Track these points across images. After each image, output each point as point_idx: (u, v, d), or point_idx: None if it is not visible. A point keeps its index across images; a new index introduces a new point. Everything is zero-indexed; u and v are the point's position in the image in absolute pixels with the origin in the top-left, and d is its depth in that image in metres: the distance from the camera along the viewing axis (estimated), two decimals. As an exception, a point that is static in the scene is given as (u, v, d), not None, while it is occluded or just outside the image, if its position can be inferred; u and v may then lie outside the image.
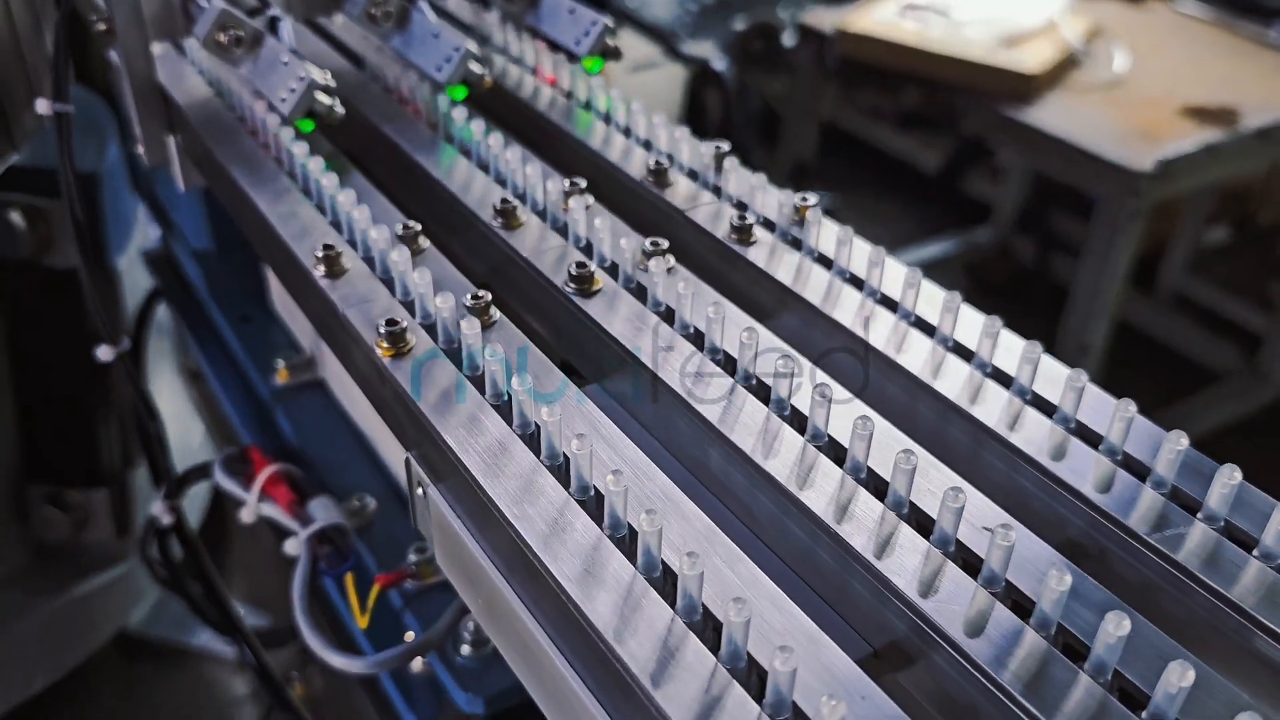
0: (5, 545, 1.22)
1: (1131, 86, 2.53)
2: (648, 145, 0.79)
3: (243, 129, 0.81)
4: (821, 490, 0.50)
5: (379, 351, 0.57)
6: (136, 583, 1.34)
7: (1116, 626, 0.40)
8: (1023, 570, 0.46)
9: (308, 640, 0.74)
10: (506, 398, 0.55)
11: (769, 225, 0.70)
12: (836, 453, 0.52)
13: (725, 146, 0.75)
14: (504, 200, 0.69)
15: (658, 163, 0.74)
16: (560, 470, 0.51)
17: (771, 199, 0.71)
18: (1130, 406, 0.51)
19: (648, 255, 0.64)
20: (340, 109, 0.76)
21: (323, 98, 0.74)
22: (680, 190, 0.73)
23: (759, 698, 0.41)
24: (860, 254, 0.65)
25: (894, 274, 0.62)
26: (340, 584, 0.79)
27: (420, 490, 0.56)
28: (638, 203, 0.74)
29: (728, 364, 0.58)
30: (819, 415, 0.52)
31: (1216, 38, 2.69)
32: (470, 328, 0.56)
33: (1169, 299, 3.10)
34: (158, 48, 0.86)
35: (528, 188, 0.71)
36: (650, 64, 3.22)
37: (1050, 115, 2.42)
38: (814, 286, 0.64)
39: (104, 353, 0.83)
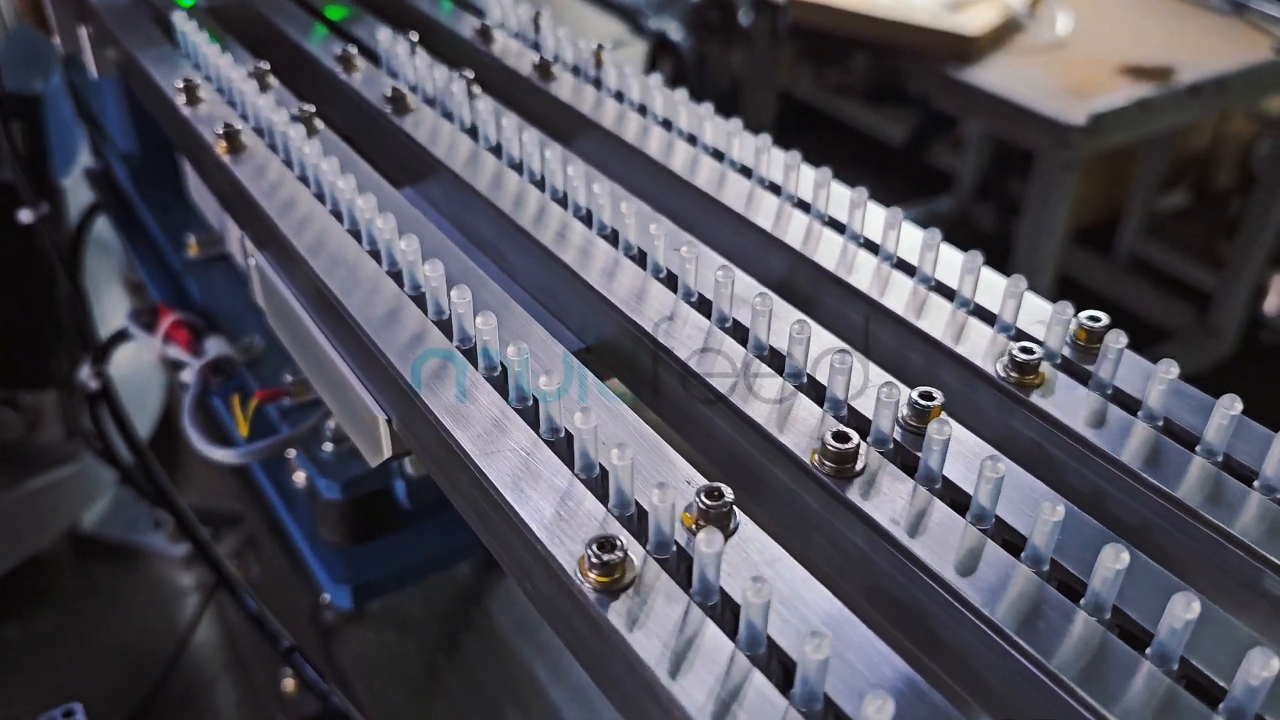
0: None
1: (1073, 48, 2.67)
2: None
3: (147, 16, 0.96)
4: (545, 225, 0.64)
5: (219, 150, 0.71)
6: (88, 482, 1.48)
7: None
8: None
9: (194, 442, 0.88)
10: (319, 187, 0.69)
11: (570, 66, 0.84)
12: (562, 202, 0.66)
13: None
14: (345, 49, 0.84)
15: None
16: (361, 238, 0.65)
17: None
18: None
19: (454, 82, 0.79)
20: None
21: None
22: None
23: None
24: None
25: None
26: (228, 405, 0.93)
27: (252, 261, 0.70)
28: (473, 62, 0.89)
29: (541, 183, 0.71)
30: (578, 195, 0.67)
31: (1159, 2, 2.82)
32: (296, 132, 0.70)
33: (1124, 262, 3.23)
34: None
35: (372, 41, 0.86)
36: (619, 43, 3.38)
37: (991, 75, 2.55)
38: (609, 115, 0.79)
39: (25, 215, 0.98)
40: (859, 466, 0.48)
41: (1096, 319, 0.55)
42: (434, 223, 0.68)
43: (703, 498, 0.45)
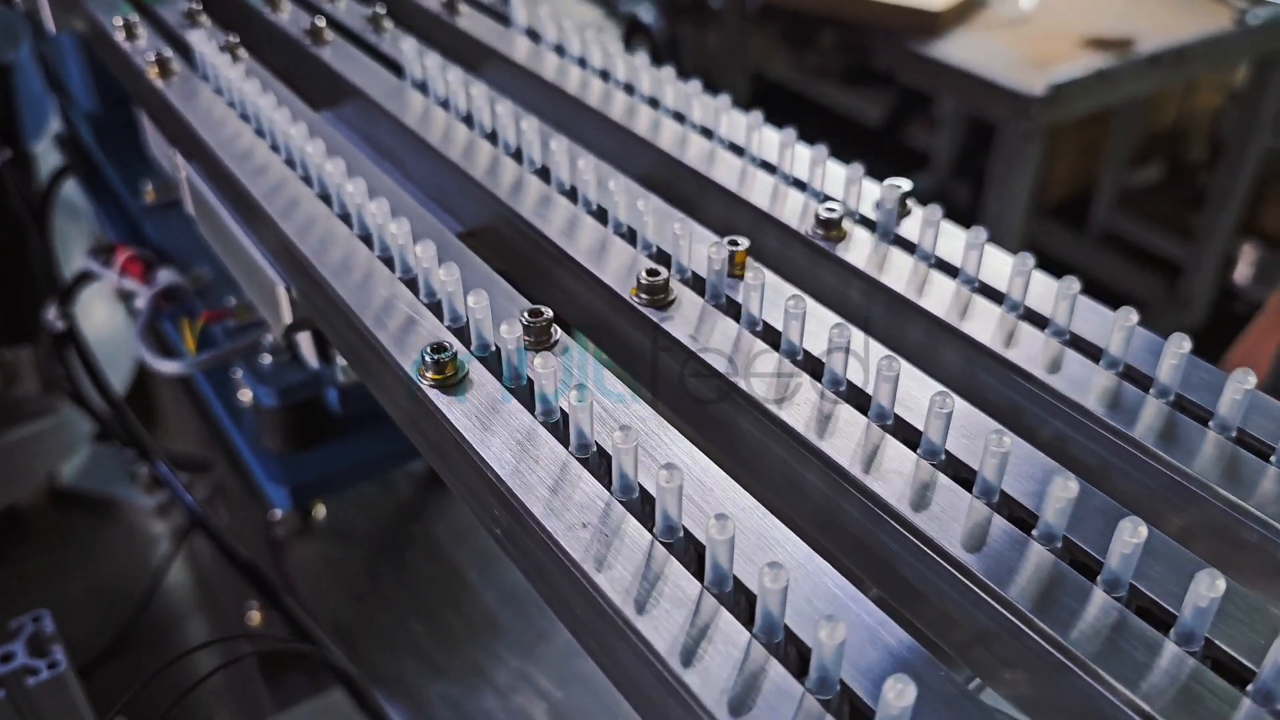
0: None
1: (1036, 21, 2.76)
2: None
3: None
4: (430, 125, 0.74)
5: (150, 75, 0.82)
6: (64, 434, 1.59)
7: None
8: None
9: (145, 358, 0.98)
10: (242, 108, 0.79)
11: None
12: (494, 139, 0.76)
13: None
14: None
15: None
16: (276, 150, 0.75)
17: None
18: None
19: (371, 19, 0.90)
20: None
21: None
22: None
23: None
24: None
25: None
26: (178, 328, 1.03)
27: (183, 173, 0.81)
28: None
29: (464, 117, 0.82)
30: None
31: (1123, -25, 2.90)
32: (218, 58, 0.81)
33: (1097, 235, 3.33)
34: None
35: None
36: (594, 27, 3.47)
37: (955, 49, 2.65)
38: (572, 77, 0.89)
39: (-10, 156, 1.09)
40: (670, 297, 0.58)
41: (896, 186, 0.65)
42: (345, 138, 0.78)
43: (525, 315, 0.55)
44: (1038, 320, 0.58)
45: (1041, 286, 0.59)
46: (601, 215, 0.65)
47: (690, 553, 0.44)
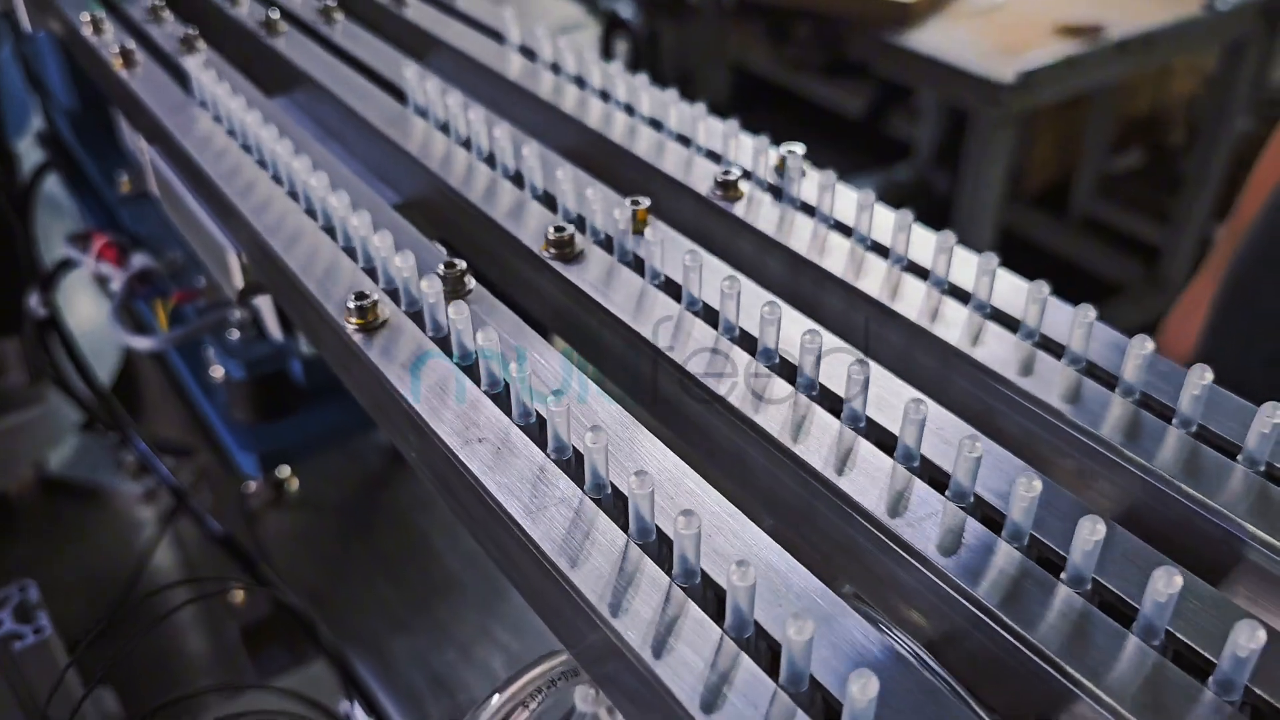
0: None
1: (1008, 9, 2.82)
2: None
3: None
4: (371, 105, 0.81)
5: (115, 65, 0.89)
6: (51, 424, 1.66)
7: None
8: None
9: (119, 335, 1.05)
10: (201, 94, 0.86)
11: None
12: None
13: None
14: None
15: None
16: (232, 135, 0.82)
17: None
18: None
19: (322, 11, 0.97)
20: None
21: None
22: None
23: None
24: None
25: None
26: (151, 308, 1.10)
27: (146, 155, 0.88)
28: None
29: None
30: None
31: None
32: (166, 32, 0.88)
33: (1077, 221, 3.39)
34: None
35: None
36: (576, 25, 3.56)
37: (928, 38, 2.71)
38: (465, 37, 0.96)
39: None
40: (578, 251, 0.65)
41: (793, 152, 0.72)
42: (296, 121, 0.85)
43: (441, 268, 0.61)
44: (919, 272, 0.64)
45: (924, 243, 0.66)
46: (518, 180, 0.72)
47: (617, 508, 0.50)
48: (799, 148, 0.72)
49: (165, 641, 1.48)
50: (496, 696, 0.51)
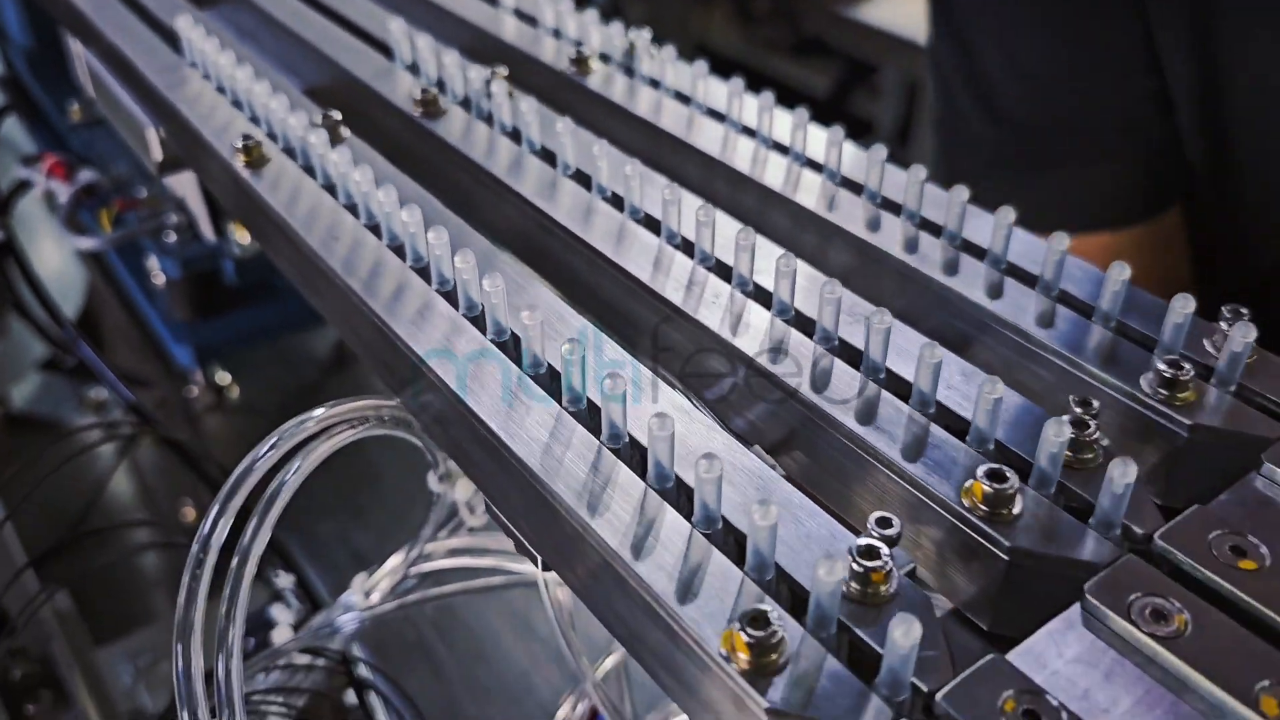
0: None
1: (962, -17, 2.93)
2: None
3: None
4: (306, 24, 0.92)
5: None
6: (13, 360, 1.77)
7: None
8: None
9: (68, 238, 1.16)
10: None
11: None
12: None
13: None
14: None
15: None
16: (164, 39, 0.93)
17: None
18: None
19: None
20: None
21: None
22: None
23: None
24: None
25: None
26: (96, 217, 1.21)
27: (81, 59, 0.99)
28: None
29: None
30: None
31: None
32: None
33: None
34: None
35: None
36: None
37: (878, 12, 2.83)
38: None
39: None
40: (442, 110, 0.76)
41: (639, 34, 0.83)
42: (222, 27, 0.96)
43: (320, 117, 0.73)
44: (750, 133, 0.76)
45: (750, 108, 0.77)
46: (414, 69, 0.83)
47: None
48: (645, 32, 0.83)
49: (120, 559, 1.59)
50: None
